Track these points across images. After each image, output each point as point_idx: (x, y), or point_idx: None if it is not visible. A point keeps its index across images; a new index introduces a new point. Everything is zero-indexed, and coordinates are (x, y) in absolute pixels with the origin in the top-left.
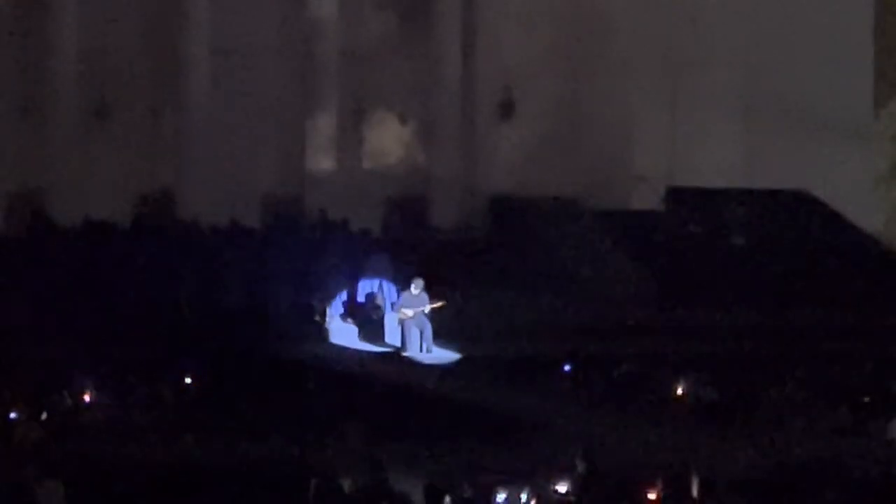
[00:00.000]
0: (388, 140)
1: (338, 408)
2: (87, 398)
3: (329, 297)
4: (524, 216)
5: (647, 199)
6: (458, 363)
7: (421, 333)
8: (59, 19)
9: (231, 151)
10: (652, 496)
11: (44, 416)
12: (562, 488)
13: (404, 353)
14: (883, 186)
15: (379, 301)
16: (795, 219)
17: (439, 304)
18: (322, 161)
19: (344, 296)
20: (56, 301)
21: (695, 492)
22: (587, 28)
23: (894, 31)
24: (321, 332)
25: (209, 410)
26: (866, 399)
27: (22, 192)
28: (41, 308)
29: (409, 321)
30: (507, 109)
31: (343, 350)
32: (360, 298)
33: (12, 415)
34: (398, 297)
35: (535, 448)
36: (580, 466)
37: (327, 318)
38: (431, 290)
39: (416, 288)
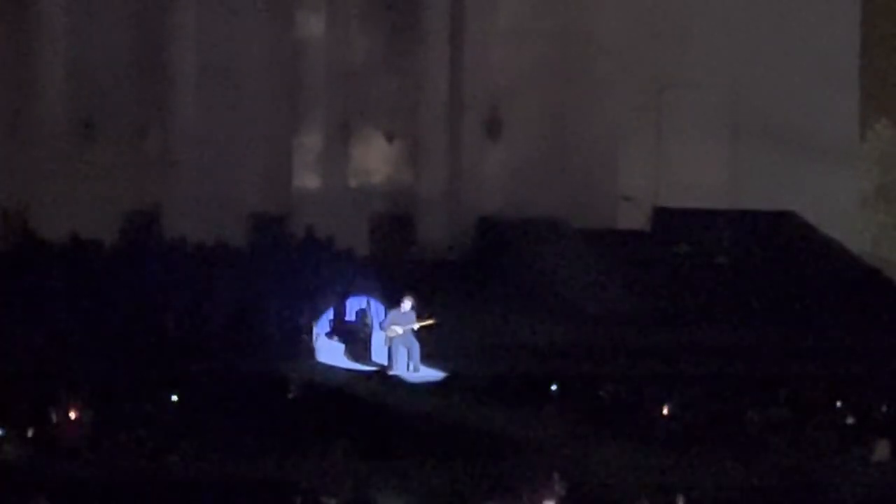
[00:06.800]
0: (375, 158)
1: (323, 426)
2: (72, 415)
3: (316, 316)
4: (511, 235)
5: (634, 219)
6: (444, 382)
7: (408, 352)
8: (46, 37)
9: (218, 169)
10: None
11: (30, 432)
12: None
13: (391, 372)
14: (869, 208)
15: (367, 319)
16: (782, 240)
17: (429, 321)
18: (309, 179)
19: (331, 314)
20: (42, 318)
21: None
22: (574, 48)
23: (880, 54)
24: (308, 351)
25: (195, 428)
26: (851, 420)
27: (9, 209)
28: (27, 324)
29: (396, 340)
30: (493, 128)
31: (329, 368)
32: (347, 316)
33: None
34: (385, 315)
35: (521, 467)
36: (566, 486)
37: (314, 337)
38: (419, 309)
39: (406, 306)
